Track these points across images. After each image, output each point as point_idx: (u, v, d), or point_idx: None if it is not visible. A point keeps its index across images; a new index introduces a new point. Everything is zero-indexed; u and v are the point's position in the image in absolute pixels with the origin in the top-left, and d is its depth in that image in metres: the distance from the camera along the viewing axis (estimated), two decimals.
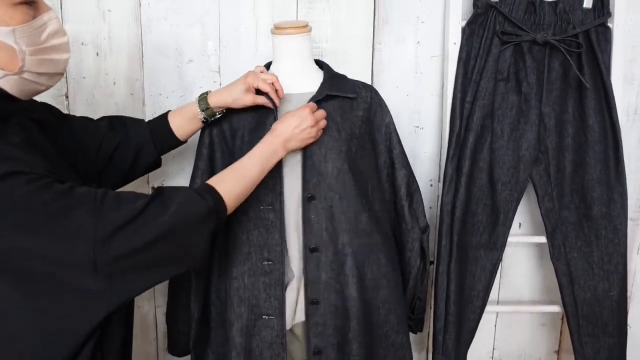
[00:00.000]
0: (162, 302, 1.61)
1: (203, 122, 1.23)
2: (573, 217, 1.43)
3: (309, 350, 1.21)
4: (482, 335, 1.68)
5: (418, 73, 1.51)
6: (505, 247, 1.44)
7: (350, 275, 1.20)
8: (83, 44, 1.46)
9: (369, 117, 1.27)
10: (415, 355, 1.67)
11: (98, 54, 1.47)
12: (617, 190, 1.39)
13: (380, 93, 1.30)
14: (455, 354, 1.46)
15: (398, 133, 1.30)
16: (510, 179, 1.40)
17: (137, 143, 1.19)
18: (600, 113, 1.38)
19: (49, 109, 1.09)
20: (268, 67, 1.29)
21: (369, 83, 1.48)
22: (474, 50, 1.39)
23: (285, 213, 1.19)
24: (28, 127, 0.94)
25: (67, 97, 1.49)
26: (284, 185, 1.19)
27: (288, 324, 1.22)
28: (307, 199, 1.18)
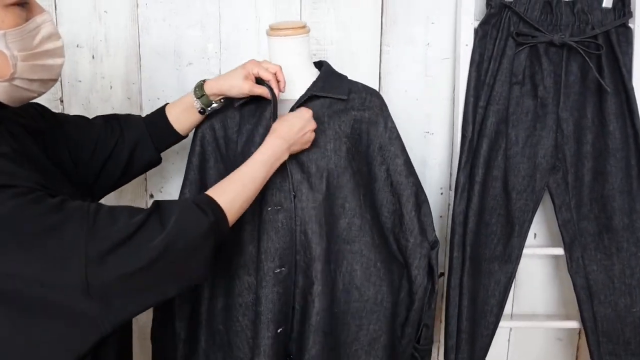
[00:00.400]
0: None
1: (200, 112, 1.18)
2: (592, 228, 1.39)
3: None
4: (494, 352, 1.63)
5: (428, 76, 1.49)
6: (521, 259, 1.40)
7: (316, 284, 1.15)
8: (78, 47, 1.45)
9: (365, 119, 1.21)
10: None
11: (94, 57, 1.46)
12: (639, 200, 1.35)
13: (389, 97, 1.29)
14: None
15: (402, 140, 1.25)
16: (526, 188, 1.37)
17: (132, 140, 1.15)
18: (622, 118, 1.34)
19: (40, 111, 1.04)
20: None
21: (376, 86, 1.45)
22: (487, 52, 1.36)
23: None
24: (18, 134, 0.90)
25: (62, 101, 1.48)
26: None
27: None
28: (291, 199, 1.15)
